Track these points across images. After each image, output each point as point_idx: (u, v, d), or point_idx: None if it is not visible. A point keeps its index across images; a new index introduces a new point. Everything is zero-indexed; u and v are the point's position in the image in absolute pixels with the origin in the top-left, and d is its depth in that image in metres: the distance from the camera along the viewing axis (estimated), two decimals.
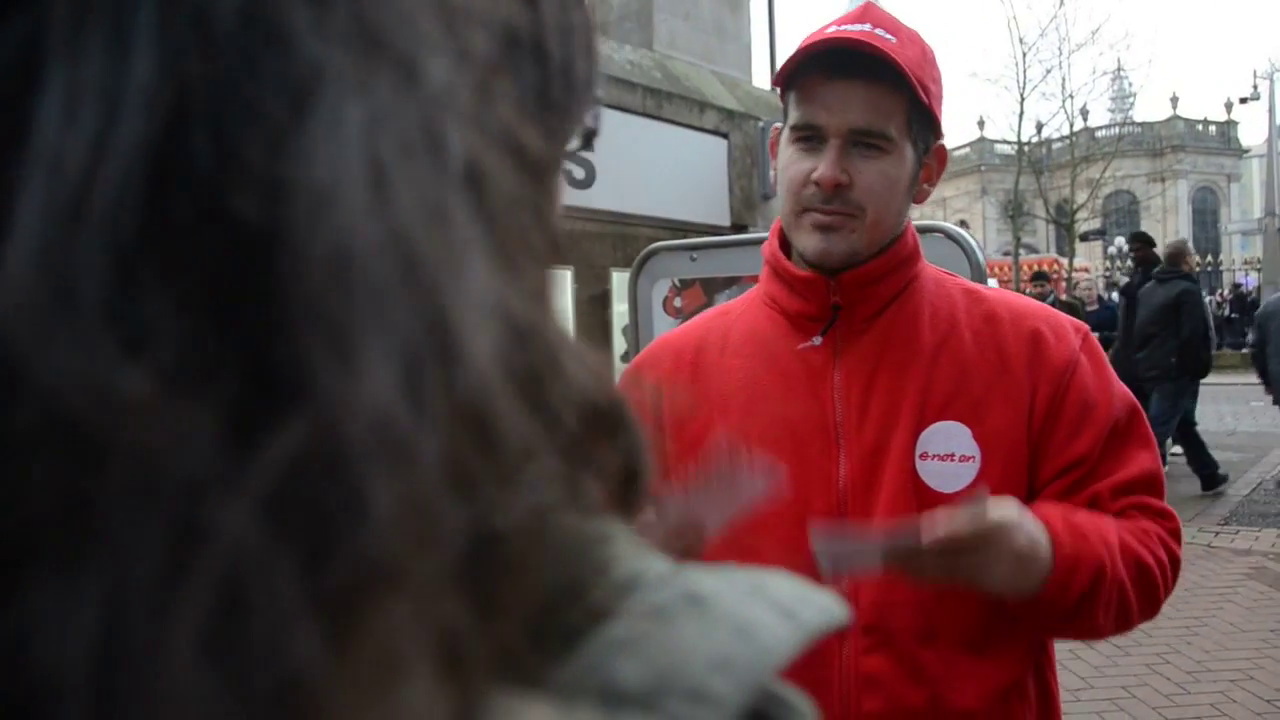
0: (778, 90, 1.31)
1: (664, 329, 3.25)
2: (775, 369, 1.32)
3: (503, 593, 0.22)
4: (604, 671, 0.23)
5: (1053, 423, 1.25)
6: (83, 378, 0.17)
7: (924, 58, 1.25)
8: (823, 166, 1.23)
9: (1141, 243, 9.51)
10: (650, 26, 8.62)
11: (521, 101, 0.30)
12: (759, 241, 3.14)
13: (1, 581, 0.17)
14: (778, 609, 0.27)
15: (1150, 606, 1.25)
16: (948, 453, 1.24)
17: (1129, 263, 12.47)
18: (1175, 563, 1.27)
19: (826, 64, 1.23)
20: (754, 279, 2.97)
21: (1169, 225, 51.33)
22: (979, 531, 1.08)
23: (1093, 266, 29.71)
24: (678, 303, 3.12)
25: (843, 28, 1.24)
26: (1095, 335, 1.37)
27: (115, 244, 0.18)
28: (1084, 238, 28.82)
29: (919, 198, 1.34)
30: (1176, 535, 1.29)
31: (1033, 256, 28.22)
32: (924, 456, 1.24)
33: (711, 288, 3.06)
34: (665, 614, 0.25)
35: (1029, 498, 1.26)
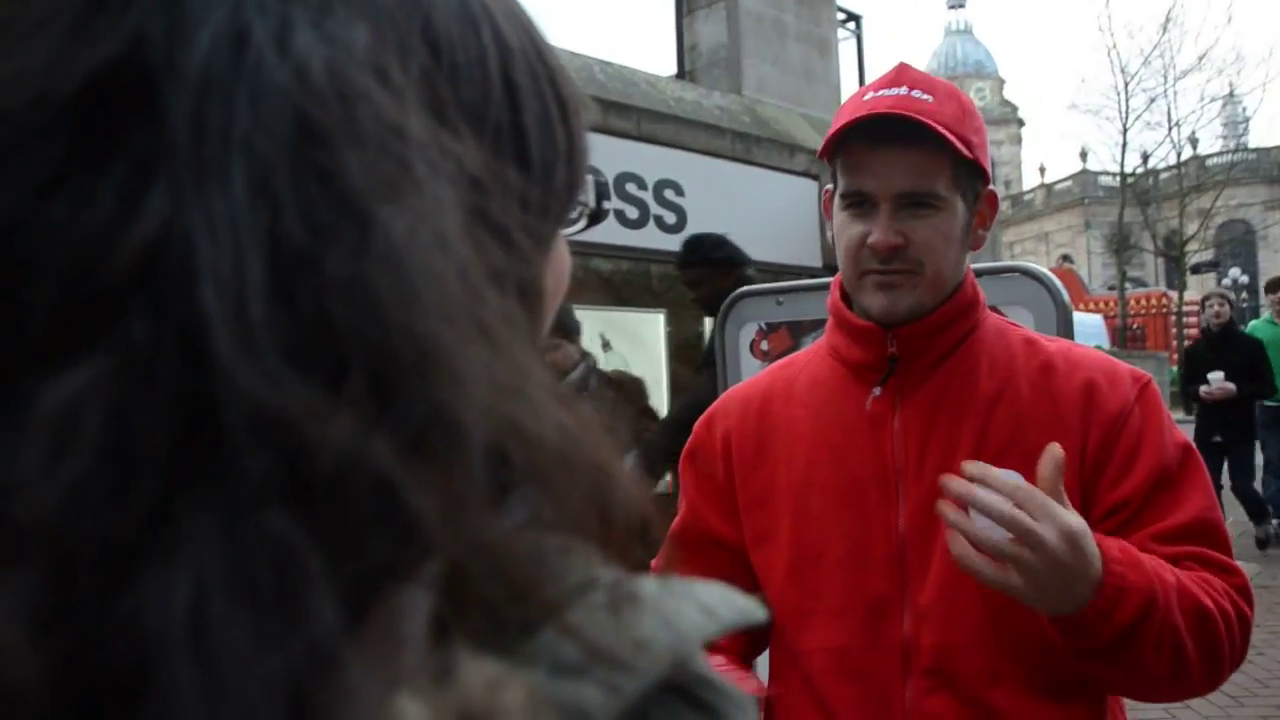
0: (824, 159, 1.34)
1: (751, 372, 3.27)
2: (838, 418, 1.35)
3: (478, 587, 0.30)
4: (552, 650, 0.31)
5: (1101, 469, 1.26)
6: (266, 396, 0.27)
7: (962, 111, 1.27)
8: (876, 231, 1.25)
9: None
10: (739, 72, 8.71)
11: (505, 204, 0.36)
12: None
13: (123, 569, 0.25)
14: (700, 607, 0.34)
15: (1212, 664, 1.18)
16: None
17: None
18: (1244, 622, 1.21)
19: (868, 133, 1.25)
20: None
21: None
22: (1040, 494, 1.08)
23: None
24: (765, 346, 3.15)
25: (880, 93, 1.27)
26: None
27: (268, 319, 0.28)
28: (1195, 270, 27.79)
29: (975, 244, 1.35)
30: (1245, 593, 1.23)
31: (1140, 290, 27.36)
32: None
33: (798, 331, 3.08)
34: (608, 608, 0.32)
35: None
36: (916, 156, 1.24)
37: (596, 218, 0.55)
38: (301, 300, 0.28)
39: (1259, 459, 7.86)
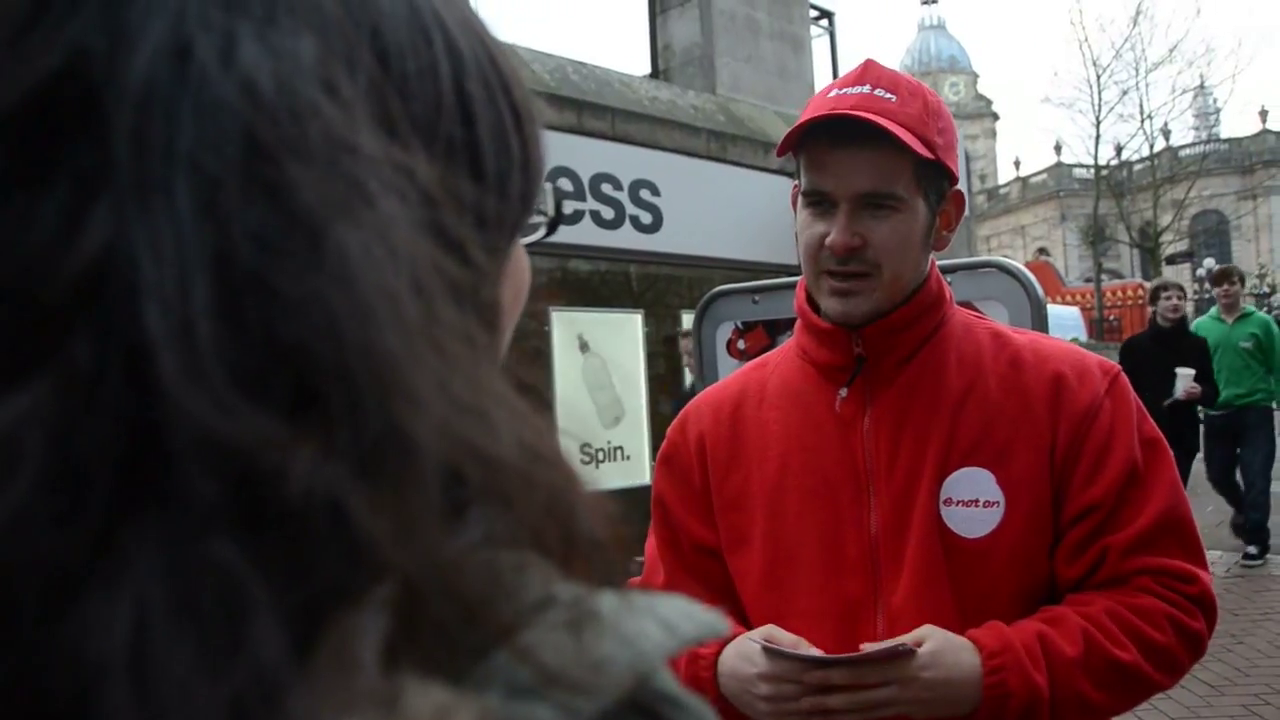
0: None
1: (728, 371, 3.28)
2: (808, 420, 1.35)
3: (431, 609, 0.29)
4: (508, 671, 0.30)
5: (1072, 466, 1.26)
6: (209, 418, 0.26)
7: (925, 111, 1.27)
8: (835, 232, 1.25)
9: None
10: (713, 71, 8.73)
11: (459, 217, 0.36)
12: None
13: (65, 596, 0.25)
14: (660, 623, 0.33)
15: (1138, 693, 1.24)
16: (971, 498, 1.25)
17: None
18: (1190, 637, 1.23)
19: (829, 132, 1.25)
20: None
21: (1262, 244, 49.71)
22: (881, 671, 1.15)
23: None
24: (741, 345, 3.15)
25: (843, 91, 1.26)
26: None
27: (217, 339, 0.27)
28: (1170, 260, 28.01)
29: (938, 245, 1.35)
30: (1200, 600, 1.25)
31: (1116, 282, 27.57)
32: (948, 503, 1.26)
33: (774, 329, 3.09)
34: (567, 626, 0.32)
35: (1055, 541, 1.26)
36: (876, 157, 1.24)
37: (555, 225, 0.54)
38: (250, 320, 0.27)
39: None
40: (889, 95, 1.25)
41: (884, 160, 1.24)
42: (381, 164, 0.32)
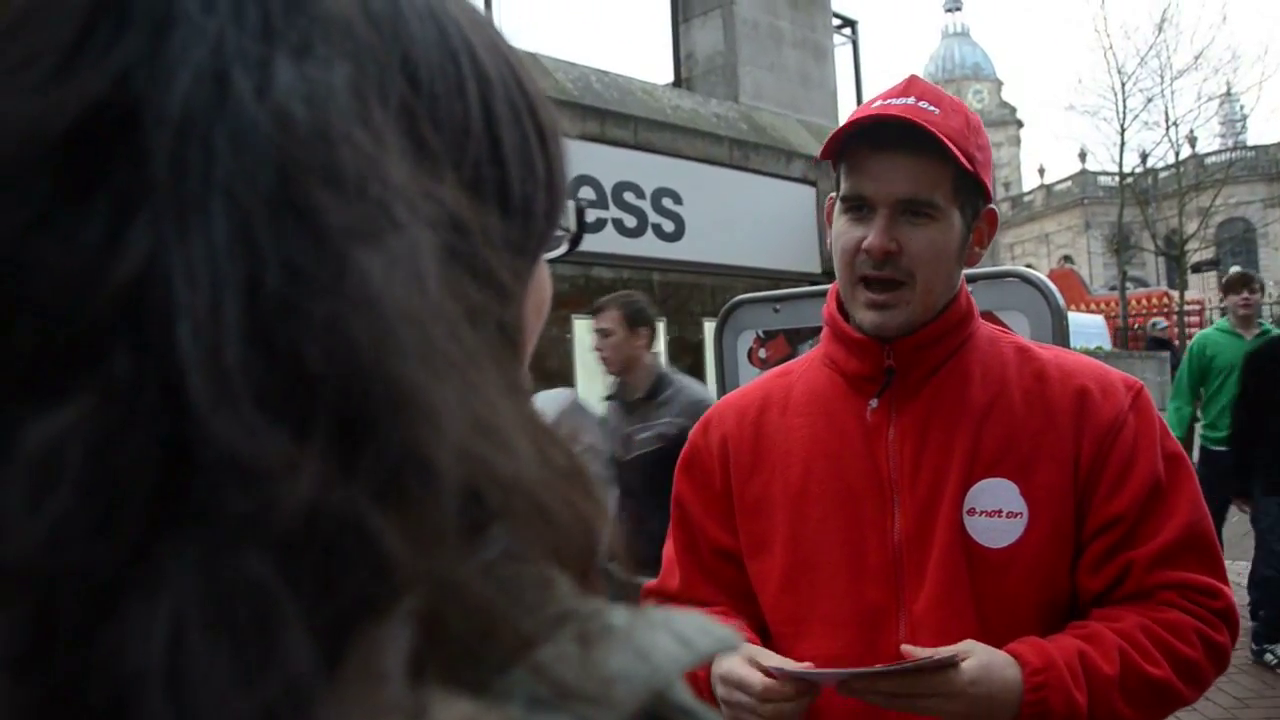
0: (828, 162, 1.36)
1: (749, 380, 3.28)
2: (834, 428, 1.36)
3: (454, 623, 0.30)
4: (529, 683, 0.31)
5: (1096, 479, 1.26)
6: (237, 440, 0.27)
7: (967, 127, 1.28)
8: (872, 235, 1.26)
9: None
10: (735, 79, 8.73)
11: (486, 239, 0.37)
12: None
13: (104, 608, 0.26)
14: (677, 637, 0.35)
15: (1169, 708, 1.23)
16: (995, 509, 1.26)
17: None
18: (1216, 651, 1.24)
19: (872, 137, 1.26)
20: None
21: None
22: (924, 683, 1.15)
23: (1207, 299, 28.60)
24: (762, 354, 3.15)
25: (888, 102, 1.28)
26: None
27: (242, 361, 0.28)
28: (1196, 269, 27.74)
29: (970, 261, 1.36)
30: (1225, 615, 1.25)
31: (1142, 290, 27.36)
32: (971, 513, 1.26)
33: (795, 338, 3.09)
34: (585, 640, 0.33)
35: (1077, 554, 1.27)
36: (917, 164, 1.25)
37: (578, 241, 0.55)
38: (278, 344, 0.28)
39: None
40: (932, 108, 1.26)
41: (925, 167, 1.25)
42: (409, 188, 0.33)
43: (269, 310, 0.28)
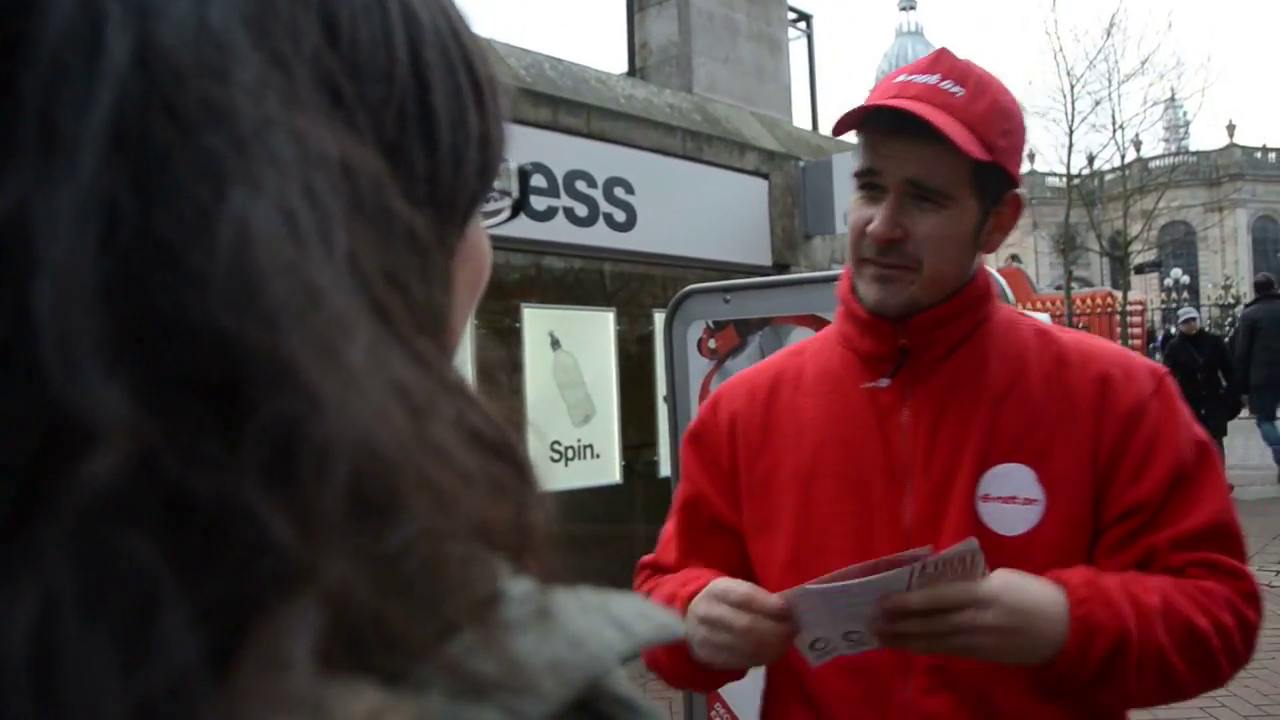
0: (829, 134, 1.33)
1: (699, 370, 3.27)
2: (846, 408, 1.33)
3: (365, 607, 0.27)
4: (453, 670, 0.28)
5: (1116, 466, 1.23)
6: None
7: (992, 110, 1.23)
8: (877, 220, 1.23)
9: None
10: (690, 70, 8.72)
11: (410, 189, 0.33)
12: (791, 283, 3.16)
13: None
14: (614, 623, 0.33)
15: (1208, 674, 1.19)
16: (1010, 495, 1.23)
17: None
18: (1247, 627, 1.20)
19: (890, 118, 1.22)
20: (787, 320, 2.98)
21: (1228, 255, 50.43)
22: (955, 597, 1.09)
23: (1148, 299, 29.24)
24: (712, 344, 3.14)
25: (911, 78, 1.23)
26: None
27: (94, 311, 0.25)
28: (1139, 270, 28.31)
29: (988, 247, 1.32)
30: (1251, 598, 1.22)
31: (1086, 290, 27.83)
32: (985, 499, 1.23)
33: (745, 329, 3.08)
34: (517, 625, 0.30)
35: (1094, 542, 1.24)
36: (930, 152, 1.20)
37: (520, 208, 0.52)
38: (136, 300, 0.25)
39: None
40: (957, 89, 1.21)
41: (938, 157, 1.20)
42: (305, 135, 0.30)
43: (130, 264, 0.25)
